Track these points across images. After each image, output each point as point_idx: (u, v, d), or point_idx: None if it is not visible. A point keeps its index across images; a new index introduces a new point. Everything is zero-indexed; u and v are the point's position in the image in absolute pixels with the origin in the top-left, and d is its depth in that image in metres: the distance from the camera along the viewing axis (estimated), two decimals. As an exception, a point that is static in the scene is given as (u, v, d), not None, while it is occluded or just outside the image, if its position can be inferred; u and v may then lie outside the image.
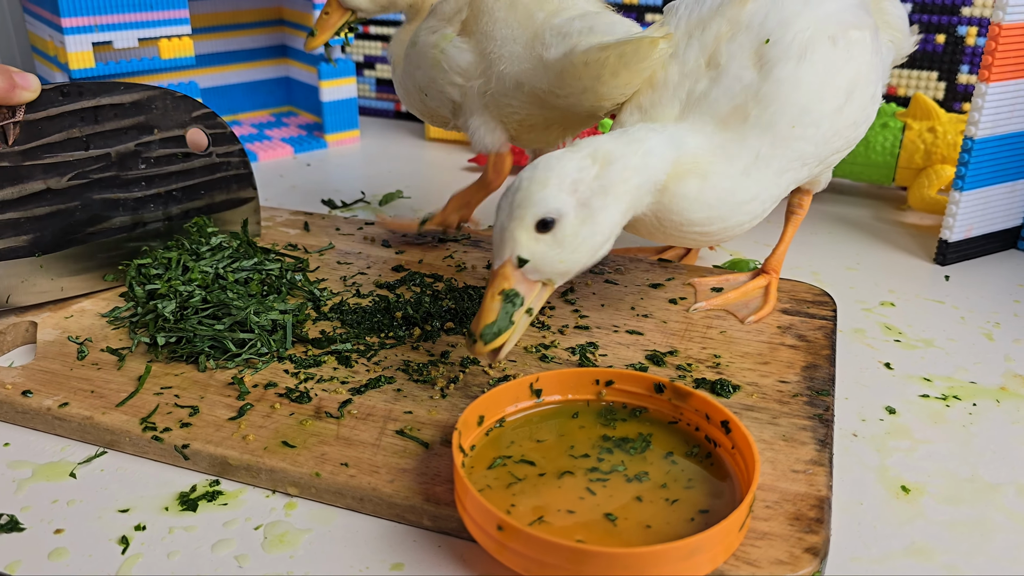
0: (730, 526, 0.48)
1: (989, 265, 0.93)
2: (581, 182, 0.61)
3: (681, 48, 0.69)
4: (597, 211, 0.61)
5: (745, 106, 0.66)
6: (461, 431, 0.56)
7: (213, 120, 0.85)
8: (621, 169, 0.62)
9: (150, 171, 0.82)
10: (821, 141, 0.68)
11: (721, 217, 0.67)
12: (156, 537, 0.55)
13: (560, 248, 0.60)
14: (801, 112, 0.66)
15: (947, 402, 0.69)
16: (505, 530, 0.48)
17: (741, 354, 0.70)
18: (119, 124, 0.79)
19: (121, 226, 0.81)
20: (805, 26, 0.66)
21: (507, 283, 0.60)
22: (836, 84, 0.67)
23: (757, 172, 0.66)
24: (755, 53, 0.66)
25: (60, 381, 0.67)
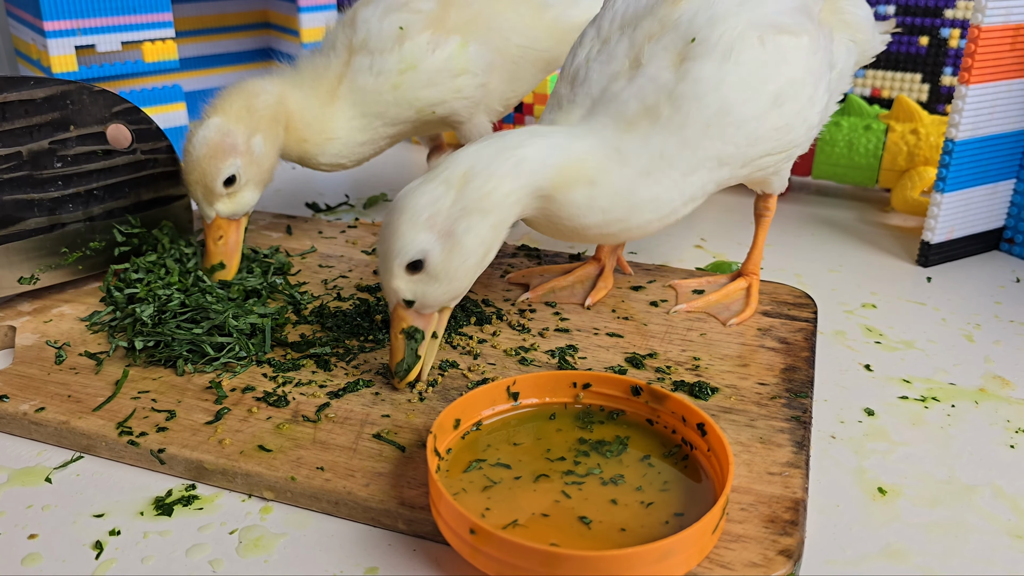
0: (703, 529, 0.48)
1: (971, 267, 0.93)
2: (438, 214, 0.61)
3: (612, 44, 0.69)
4: (462, 235, 0.61)
5: (657, 106, 0.65)
6: (436, 435, 0.55)
7: (136, 115, 0.82)
8: (483, 183, 0.61)
9: (67, 170, 0.79)
10: (744, 143, 0.66)
11: (619, 219, 0.66)
12: (131, 542, 0.54)
13: (436, 282, 0.62)
14: (719, 112, 0.65)
15: (926, 404, 0.69)
16: (478, 534, 0.48)
17: (720, 356, 0.70)
18: (30, 121, 0.76)
19: (37, 227, 0.78)
20: (735, 25, 0.65)
21: (403, 323, 0.64)
22: (764, 88, 0.66)
23: (659, 172, 0.65)
24: (678, 53, 0.65)
25: (37, 386, 0.66)
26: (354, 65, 0.85)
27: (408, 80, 0.84)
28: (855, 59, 0.78)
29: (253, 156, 0.79)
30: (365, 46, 0.84)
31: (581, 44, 0.71)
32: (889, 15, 1.12)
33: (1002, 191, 0.93)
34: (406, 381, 0.65)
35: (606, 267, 0.82)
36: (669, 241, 0.98)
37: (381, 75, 0.84)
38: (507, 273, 0.84)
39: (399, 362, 0.64)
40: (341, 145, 0.86)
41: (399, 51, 0.84)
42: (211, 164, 0.77)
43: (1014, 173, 0.93)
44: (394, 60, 0.84)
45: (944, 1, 1.09)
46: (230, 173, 0.78)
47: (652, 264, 0.87)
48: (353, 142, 0.86)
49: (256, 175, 0.80)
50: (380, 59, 0.84)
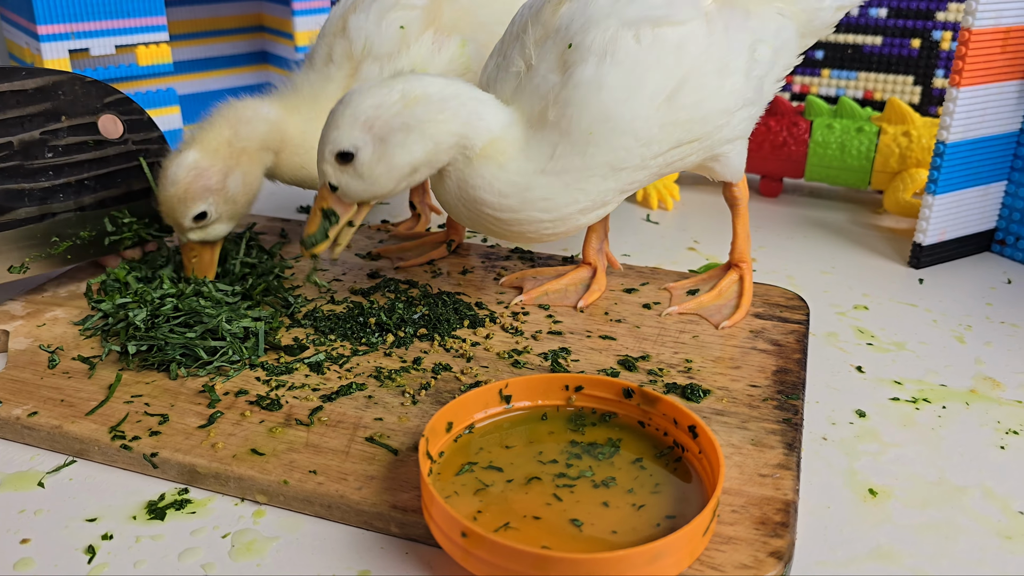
0: (694, 531, 0.49)
1: (963, 268, 0.93)
2: (377, 119, 0.64)
3: (508, 51, 0.71)
4: (394, 148, 0.65)
5: (546, 108, 0.66)
6: (429, 438, 0.56)
7: (128, 106, 0.82)
8: (435, 112, 0.64)
9: (59, 160, 0.79)
10: (635, 145, 0.66)
11: (511, 208, 0.67)
12: (123, 546, 0.54)
13: (360, 179, 0.66)
14: (600, 118, 0.65)
15: (917, 405, 0.69)
16: (469, 537, 0.48)
17: (713, 358, 0.70)
18: (22, 111, 0.76)
19: (28, 217, 0.78)
20: (607, 26, 0.65)
21: (324, 202, 0.68)
22: (647, 84, 0.65)
23: (553, 174, 0.67)
24: (560, 57, 0.66)
25: (30, 390, 0.66)
26: (363, 73, 0.82)
27: None
28: (794, 30, 0.73)
29: (227, 194, 0.77)
30: (370, 53, 0.82)
31: (491, 55, 0.74)
32: (882, 18, 1.12)
33: (993, 193, 0.93)
34: (310, 252, 0.69)
35: (599, 269, 0.82)
36: (662, 243, 0.98)
37: None
38: (501, 276, 0.84)
39: (311, 234, 0.69)
40: None
41: (408, 55, 0.82)
42: (181, 204, 0.76)
43: (1005, 175, 0.93)
44: (405, 64, 0.82)
45: (936, 4, 1.09)
46: (200, 211, 0.76)
47: (645, 267, 0.87)
48: None
49: (229, 211, 0.78)
50: (390, 66, 0.81)
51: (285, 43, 1.31)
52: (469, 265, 0.87)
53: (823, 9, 0.75)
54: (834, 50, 1.16)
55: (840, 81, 1.17)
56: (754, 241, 0.99)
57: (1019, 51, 0.87)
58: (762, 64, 0.70)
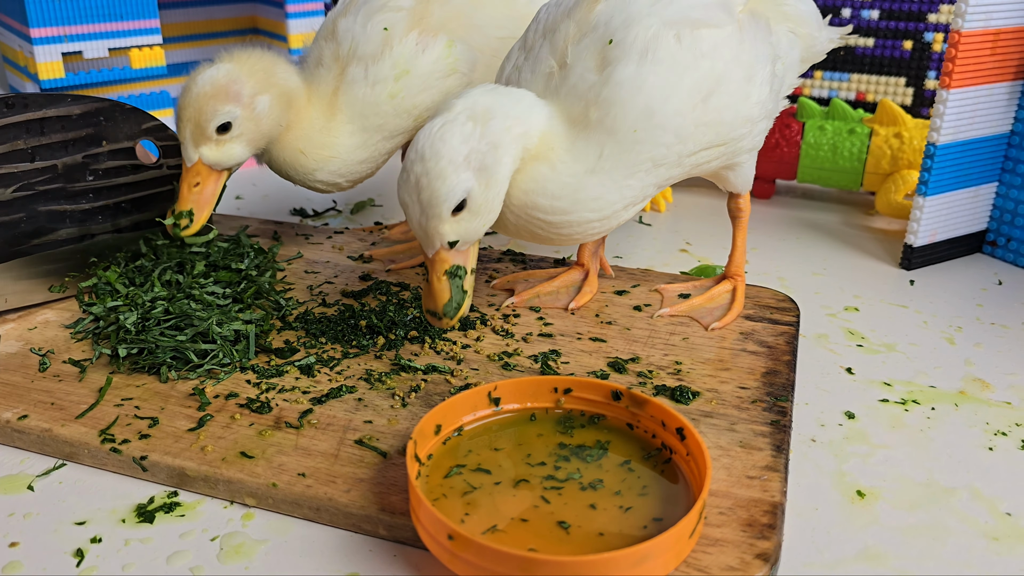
0: (680, 533, 0.49)
1: (954, 269, 0.93)
2: (472, 152, 0.62)
3: (535, 50, 0.70)
4: (494, 168, 0.63)
5: (587, 108, 0.65)
6: (417, 440, 0.56)
7: (164, 132, 0.84)
8: (503, 118, 0.63)
9: (98, 183, 0.81)
10: (674, 142, 0.66)
11: (563, 210, 0.66)
12: (112, 549, 0.55)
13: (478, 216, 0.63)
14: (644, 115, 0.65)
15: (906, 407, 0.69)
16: (456, 540, 0.48)
17: (702, 360, 0.71)
18: (66, 136, 0.79)
19: (68, 238, 0.81)
20: (648, 25, 0.65)
21: (446, 264, 0.64)
22: (685, 83, 0.66)
23: (603, 172, 0.66)
24: (599, 55, 0.66)
25: (21, 393, 0.67)
26: (348, 77, 0.83)
27: (404, 86, 0.83)
28: (799, 53, 0.77)
29: (254, 112, 0.78)
30: (355, 55, 0.83)
31: (508, 58, 0.73)
32: (874, 20, 1.13)
33: (984, 194, 0.94)
34: (458, 318, 0.65)
35: (590, 272, 0.82)
36: (654, 245, 0.99)
37: (378, 84, 0.82)
38: (492, 279, 0.84)
39: (447, 302, 0.65)
40: (340, 163, 0.84)
41: (391, 56, 0.82)
42: (209, 104, 0.76)
43: (996, 176, 0.93)
44: (388, 66, 0.82)
45: (927, 5, 1.10)
46: (226, 119, 0.76)
47: (636, 269, 0.87)
48: (353, 160, 0.84)
49: (251, 132, 0.78)
50: (374, 67, 0.82)
51: (279, 46, 1.32)
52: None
53: (823, 37, 0.79)
54: (826, 52, 1.16)
55: (832, 83, 1.17)
56: (747, 243, 0.99)
57: (1009, 53, 0.87)
58: (778, 78, 0.73)
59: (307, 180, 0.84)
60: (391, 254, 0.89)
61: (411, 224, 0.64)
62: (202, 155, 0.78)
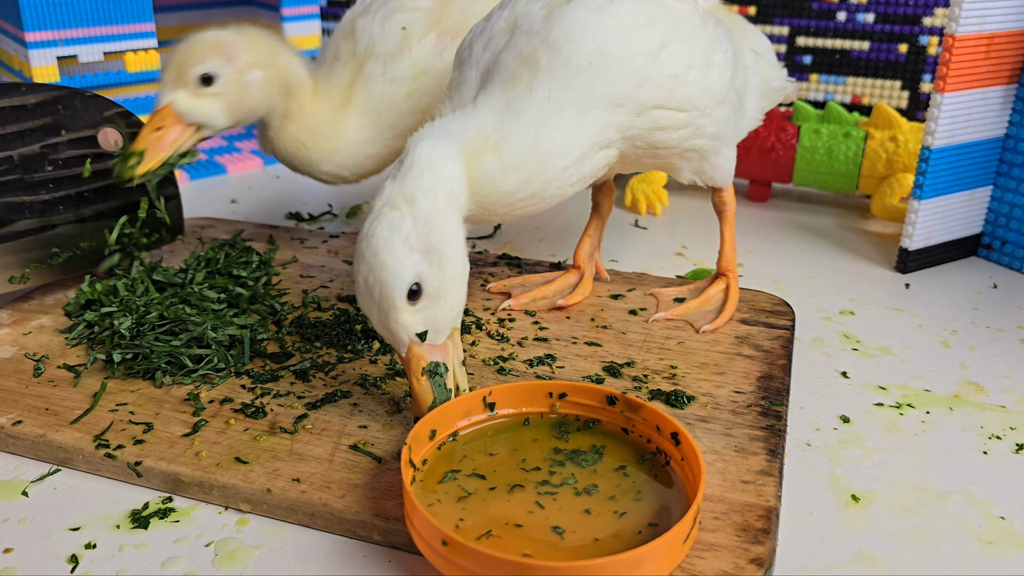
0: (674, 538, 0.49)
1: (949, 273, 0.93)
2: (408, 236, 0.59)
3: (492, 19, 0.70)
4: (440, 246, 0.59)
5: (534, 54, 0.65)
6: (411, 446, 0.56)
7: (129, 119, 0.83)
8: (423, 194, 0.60)
9: (58, 173, 0.80)
10: (632, 82, 0.66)
11: (535, 173, 0.65)
12: (106, 555, 0.54)
13: (441, 300, 0.60)
14: (599, 49, 0.65)
15: (901, 410, 0.69)
16: (450, 545, 0.48)
17: (698, 365, 0.71)
18: (21, 127, 0.77)
19: (28, 229, 0.79)
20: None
21: (423, 362, 0.60)
22: (644, 31, 0.66)
23: (554, 116, 0.65)
24: (552, 6, 0.67)
25: (15, 399, 0.66)
26: (366, 72, 0.84)
27: (421, 86, 0.83)
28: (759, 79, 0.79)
29: (242, 79, 0.77)
30: (372, 52, 0.84)
31: (469, 31, 0.72)
32: (869, 23, 1.13)
33: (979, 197, 0.94)
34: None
35: (585, 274, 0.82)
36: (649, 248, 0.99)
37: (395, 82, 0.83)
38: (488, 283, 0.84)
39: (432, 404, 0.59)
40: (346, 155, 0.84)
41: (409, 56, 0.83)
42: (200, 51, 0.75)
43: (991, 180, 0.93)
44: (406, 65, 0.83)
45: (923, 9, 1.10)
46: (211, 71, 0.76)
47: (632, 272, 0.87)
48: (360, 154, 0.85)
49: (233, 97, 0.78)
50: (392, 65, 0.83)
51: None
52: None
53: (775, 79, 0.82)
54: (822, 55, 1.16)
55: (828, 86, 1.17)
56: (742, 246, 0.99)
57: (1003, 57, 0.87)
58: (740, 79, 0.73)
59: (311, 171, 0.85)
60: None
61: (377, 330, 0.60)
62: (175, 99, 0.77)
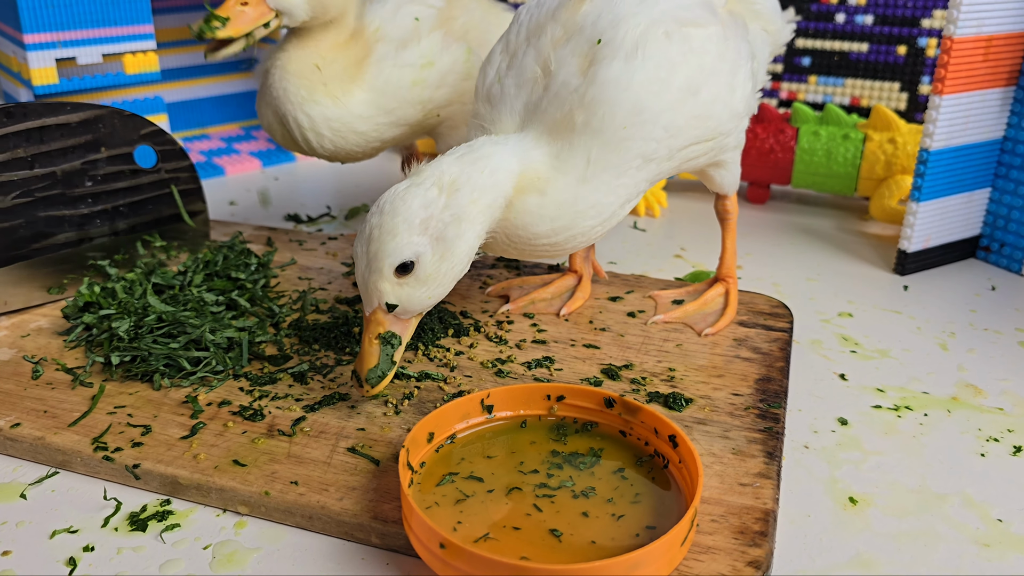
0: (671, 541, 0.49)
1: (948, 275, 0.93)
2: (431, 219, 0.61)
3: (519, 56, 0.69)
4: (453, 241, 0.61)
5: (572, 113, 0.65)
6: (409, 448, 0.56)
7: (162, 137, 0.86)
8: (470, 191, 0.62)
9: (97, 188, 0.83)
10: (664, 136, 0.66)
11: (565, 227, 0.66)
12: (104, 558, 0.54)
13: (424, 286, 0.62)
14: (633, 111, 0.65)
15: (899, 413, 0.70)
16: (447, 548, 0.48)
17: (696, 367, 0.71)
18: (65, 143, 0.80)
19: (67, 241, 0.82)
20: (637, 23, 0.66)
21: (381, 327, 0.62)
22: (673, 80, 0.66)
23: (594, 178, 0.66)
24: (585, 56, 0.66)
25: (13, 401, 0.66)
26: (378, 52, 0.86)
27: (426, 77, 0.86)
28: (770, 49, 0.79)
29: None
30: (382, 36, 0.86)
31: (489, 62, 0.71)
32: (868, 25, 1.13)
33: (978, 199, 0.94)
34: (378, 389, 0.63)
35: (584, 277, 0.82)
36: (648, 251, 0.99)
37: (404, 68, 0.85)
38: (486, 285, 0.84)
39: (373, 368, 0.62)
40: (337, 120, 0.85)
41: (418, 45, 0.86)
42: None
43: (989, 182, 0.93)
44: (416, 54, 0.86)
45: (921, 11, 1.10)
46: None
47: (631, 275, 0.87)
48: (348, 127, 0.86)
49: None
50: (403, 52, 0.85)
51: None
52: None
53: (785, 30, 0.81)
54: (821, 57, 1.16)
55: (827, 88, 1.17)
56: (741, 248, 0.99)
57: (1001, 59, 0.87)
58: (755, 76, 0.74)
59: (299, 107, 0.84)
60: None
61: (357, 278, 0.63)
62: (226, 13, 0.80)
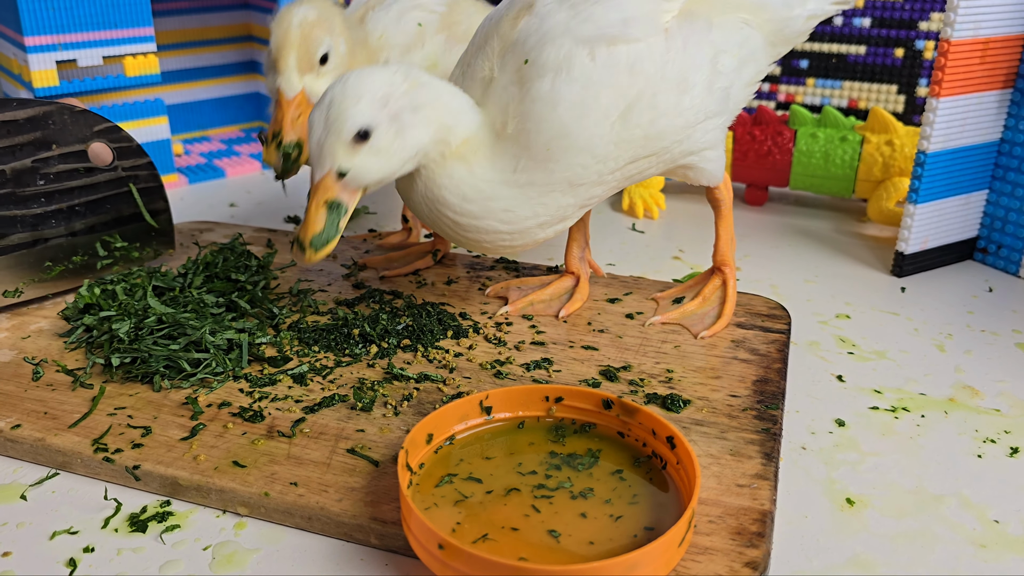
0: (669, 542, 0.49)
1: (945, 276, 0.94)
2: (391, 96, 0.64)
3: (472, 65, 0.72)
4: (407, 126, 0.65)
5: (507, 120, 0.67)
6: (408, 450, 0.56)
7: (118, 134, 0.84)
8: (434, 96, 0.66)
9: (50, 187, 0.82)
10: (591, 162, 0.67)
11: (471, 214, 0.68)
12: (104, 559, 0.55)
13: (376, 157, 0.64)
14: (558, 134, 0.66)
15: (896, 414, 0.70)
16: (446, 549, 0.49)
17: (694, 368, 0.71)
18: (12, 141, 0.79)
19: (20, 243, 0.81)
20: (561, 44, 0.66)
21: (330, 194, 0.65)
22: (600, 102, 0.66)
23: (516, 186, 0.68)
24: (516, 72, 0.68)
25: (14, 403, 0.67)
26: (383, 59, 0.86)
27: None
28: (762, 39, 0.74)
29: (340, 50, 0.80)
30: (387, 43, 0.86)
31: (458, 63, 0.75)
32: (865, 27, 1.13)
33: (975, 201, 0.94)
34: (322, 254, 0.65)
35: (581, 279, 0.82)
36: (646, 252, 0.99)
37: None
38: (485, 287, 0.85)
39: (318, 233, 0.65)
40: None
41: (423, 49, 0.86)
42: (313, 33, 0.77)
43: (986, 184, 0.94)
44: (420, 57, 0.86)
45: (919, 14, 1.10)
46: (326, 49, 0.78)
47: (629, 276, 0.87)
48: None
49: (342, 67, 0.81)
50: (408, 56, 0.86)
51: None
52: (454, 275, 0.87)
53: (793, 18, 0.75)
54: (818, 59, 1.17)
55: (824, 90, 1.18)
56: (739, 250, 0.99)
57: (998, 61, 0.88)
58: (725, 75, 0.71)
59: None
60: (386, 261, 0.90)
61: (311, 144, 0.65)
62: (306, 84, 0.79)
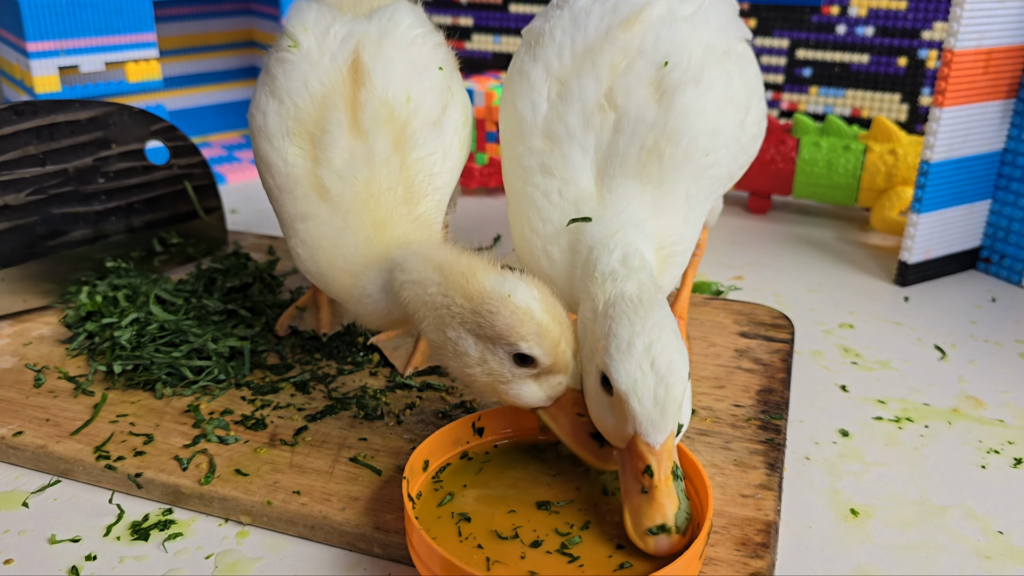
0: (692, 556, 0.48)
1: (948, 286, 0.94)
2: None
3: (573, 85, 0.63)
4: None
5: (657, 146, 0.60)
6: (408, 479, 0.55)
7: (173, 133, 0.87)
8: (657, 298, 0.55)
9: (110, 185, 0.84)
10: (730, 159, 0.65)
11: (669, 270, 0.63)
12: (106, 567, 0.54)
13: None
14: (711, 137, 0.62)
15: (900, 424, 0.70)
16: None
17: (697, 378, 0.71)
18: (75, 140, 0.81)
19: (82, 239, 0.83)
20: (697, 44, 0.63)
21: (673, 458, 0.51)
22: (735, 99, 0.65)
23: (692, 214, 0.63)
24: (653, 82, 0.62)
25: (16, 409, 0.66)
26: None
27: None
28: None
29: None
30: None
31: (532, 86, 0.64)
32: (868, 36, 1.13)
33: (978, 211, 0.94)
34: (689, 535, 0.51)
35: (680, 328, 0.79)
36: (650, 261, 0.99)
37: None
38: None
39: (678, 511, 0.50)
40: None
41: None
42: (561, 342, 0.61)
43: (990, 193, 0.94)
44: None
45: (922, 23, 1.10)
46: None
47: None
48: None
49: None
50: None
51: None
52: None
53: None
54: (821, 68, 1.17)
55: (828, 99, 1.18)
56: (742, 259, 0.99)
57: (1001, 71, 0.88)
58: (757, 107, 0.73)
59: None
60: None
61: (647, 403, 0.50)
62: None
